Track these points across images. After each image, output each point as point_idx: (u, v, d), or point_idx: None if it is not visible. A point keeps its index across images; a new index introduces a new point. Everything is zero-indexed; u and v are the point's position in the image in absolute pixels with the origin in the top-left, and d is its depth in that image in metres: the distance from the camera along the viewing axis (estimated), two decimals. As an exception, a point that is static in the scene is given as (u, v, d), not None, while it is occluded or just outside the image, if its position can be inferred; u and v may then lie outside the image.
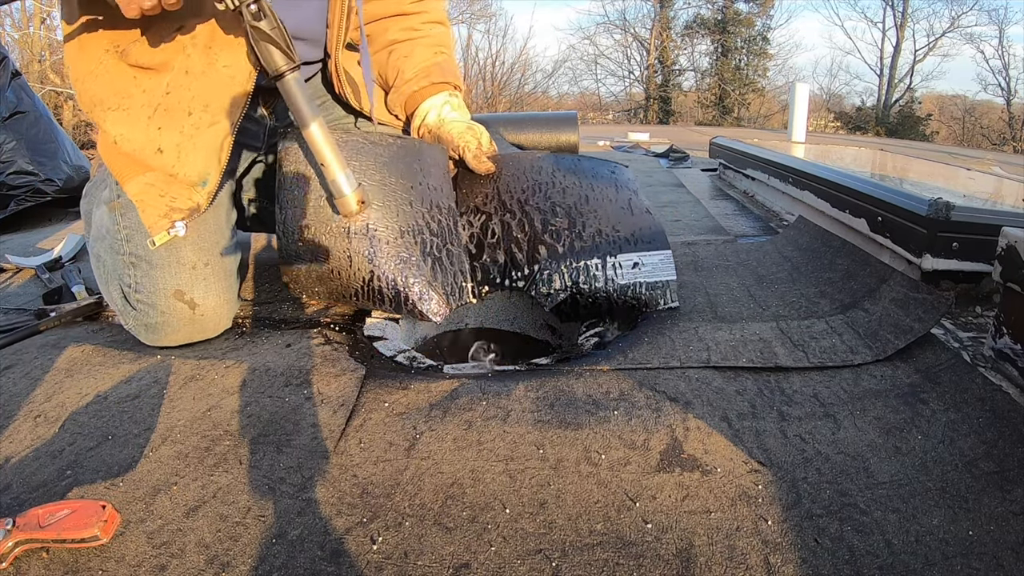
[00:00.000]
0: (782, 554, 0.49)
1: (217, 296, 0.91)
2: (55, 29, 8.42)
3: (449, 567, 0.49)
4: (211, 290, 0.90)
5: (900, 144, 5.42)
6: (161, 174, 0.88)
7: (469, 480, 0.59)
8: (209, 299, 0.90)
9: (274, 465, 0.62)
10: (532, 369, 0.81)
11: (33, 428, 0.69)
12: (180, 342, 0.91)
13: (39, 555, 0.50)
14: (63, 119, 7.51)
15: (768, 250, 1.27)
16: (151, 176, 0.88)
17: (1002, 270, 0.75)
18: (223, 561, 0.50)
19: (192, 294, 0.89)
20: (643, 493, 0.57)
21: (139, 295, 0.89)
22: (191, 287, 0.89)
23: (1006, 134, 12.76)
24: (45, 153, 2.06)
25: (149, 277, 0.88)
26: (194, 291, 0.89)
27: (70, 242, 1.43)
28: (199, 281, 0.89)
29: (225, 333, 0.94)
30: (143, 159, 0.88)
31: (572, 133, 2.56)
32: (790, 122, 4.74)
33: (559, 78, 17.17)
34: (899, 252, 0.98)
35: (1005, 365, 0.75)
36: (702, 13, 14.66)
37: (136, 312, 0.89)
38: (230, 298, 0.94)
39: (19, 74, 2.11)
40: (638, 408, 0.70)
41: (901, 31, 14.26)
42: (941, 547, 0.50)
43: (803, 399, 0.72)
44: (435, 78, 1.07)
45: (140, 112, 0.87)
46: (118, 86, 0.87)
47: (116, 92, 0.87)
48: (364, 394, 0.75)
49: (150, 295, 0.88)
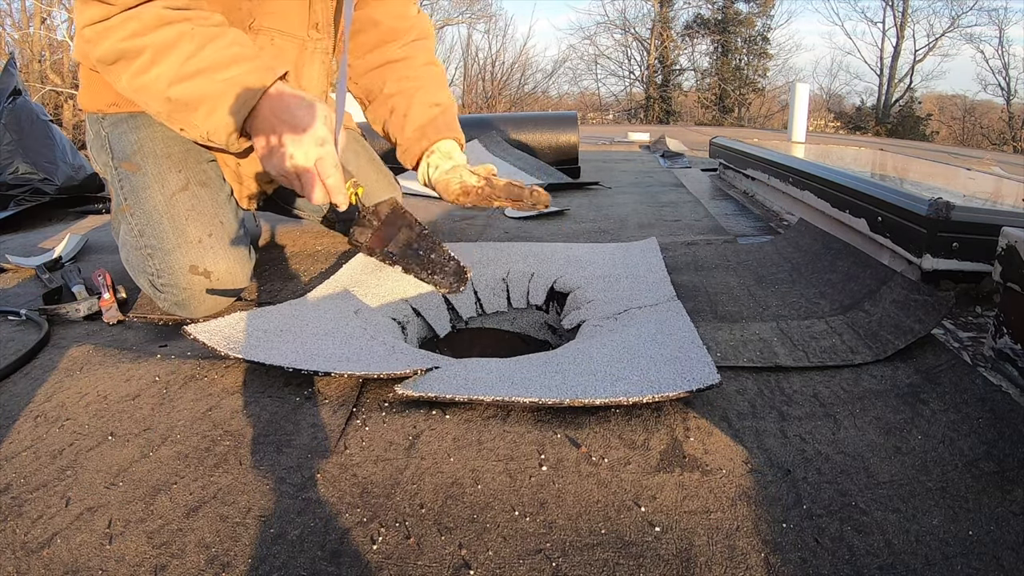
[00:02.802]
0: (782, 554, 0.49)
1: (226, 260, 1.00)
2: (55, 29, 8.43)
3: (449, 567, 0.49)
4: (219, 257, 1.00)
5: (900, 144, 5.42)
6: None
7: (469, 480, 0.59)
8: (220, 265, 1.00)
9: (274, 465, 0.62)
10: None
11: (33, 428, 0.69)
12: (211, 310, 1.01)
13: (39, 555, 0.50)
14: (63, 119, 7.51)
15: (768, 250, 1.27)
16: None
17: (1002, 270, 0.75)
18: (223, 561, 0.50)
19: (204, 265, 0.98)
20: (643, 493, 0.57)
21: (162, 279, 0.98)
22: (201, 259, 0.98)
23: (1006, 134, 12.76)
24: (44, 153, 2.06)
25: (166, 262, 0.98)
26: (205, 262, 0.99)
27: (70, 242, 1.43)
28: (207, 252, 0.99)
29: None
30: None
31: (572, 133, 2.57)
32: (790, 122, 4.74)
33: (559, 78, 17.17)
34: (899, 252, 0.98)
35: (1005, 365, 0.75)
36: (702, 13, 14.66)
37: (164, 295, 0.99)
38: (240, 258, 1.03)
39: (16, 74, 2.11)
40: (638, 408, 0.70)
41: (901, 31, 14.26)
42: (941, 547, 0.50)
43: (803, 399, 0.72)
44: (431, 137, 1.19)
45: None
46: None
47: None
48: (364, 394, 0.75)
49: (171, 276, 0.98)
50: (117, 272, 1.15)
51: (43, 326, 0.96)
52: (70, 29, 8.70)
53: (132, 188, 1.01)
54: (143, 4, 0.85)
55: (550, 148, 2.54)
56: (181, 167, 1.02)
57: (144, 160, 1.02)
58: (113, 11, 0.84)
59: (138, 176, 1.02)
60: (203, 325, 0.83)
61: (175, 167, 1.02)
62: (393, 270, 1.06)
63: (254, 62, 0.88)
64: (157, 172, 1.01)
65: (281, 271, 1.24)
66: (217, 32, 0.88)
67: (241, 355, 0.77)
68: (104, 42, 0.86)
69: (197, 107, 0.87)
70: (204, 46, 0.86)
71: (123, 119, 1.05)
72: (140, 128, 1.04)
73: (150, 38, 0.85)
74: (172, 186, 1.01)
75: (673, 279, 1.06)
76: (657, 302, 0.95)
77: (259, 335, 0.83)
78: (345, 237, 1.46)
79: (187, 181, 1.02)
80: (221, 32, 0.89)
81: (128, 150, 1.03)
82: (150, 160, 1.02)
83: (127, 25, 0.85)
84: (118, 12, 0.84)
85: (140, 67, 0.87)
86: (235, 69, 0.87)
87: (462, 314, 1.05)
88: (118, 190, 1.03)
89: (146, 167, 1.02)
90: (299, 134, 0.87)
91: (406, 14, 1.23)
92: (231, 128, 0.89)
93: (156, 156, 1.02)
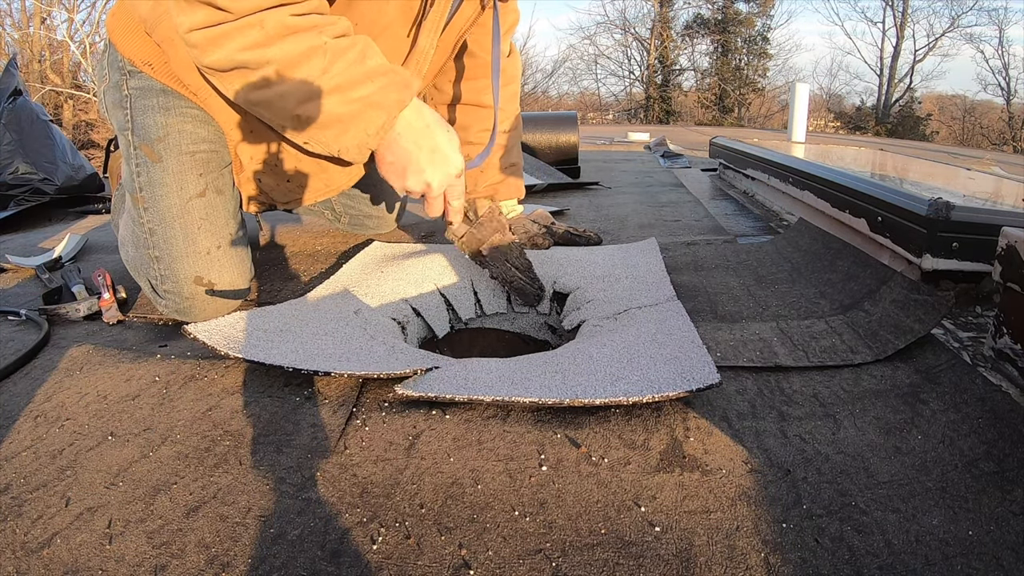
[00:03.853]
0: (782, 554, 0.49)
1: (231, 272, 1.01)
2: (55, 29, 8.43)
3: (449, 567, 0.49)
4: (224, 269, 1.00)
5: (900, 144, 5.42)
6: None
7: (469, 480, 0.59)
8: (224, 277, 1.00)
9: (274, 465, 0.62)
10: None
11: (33, 428, 0.69)
12: (210, 317, 0.97)
13: (39, 555, 0.50)
14: (63, 119, 7.51)
15: (768, 250, 1.27)
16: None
17: (1002, 270, 0.75)
18: (223, 561, 0.50)
19: (209, 276, 0.99)
20: (643, 493, 0.57)
21: (165, 286, 0.98)
22: (207, 271, 0.99)
23: (1006, 134, 12.77)
24: (44, 153, 2.06)
25: (171, 269, 0.97)
26: (210, 274, 0.99)
27: (70, 242, 1.43)
28: (213, 264, 0.99)
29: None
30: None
31: (572, 133, 2.57)
32: (790, 122, 4.74)
33: (559, 78, 17.18)
34: (899, 252, 0.98)
35: (1005, 365, 0.75)
36: (702, 13, 14.67)
37: (165, 301, 0.99)
38: (243, 270, 1.04)
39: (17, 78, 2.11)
40: (638, 408, 0.70)
41: (901, 31, 14.27)
42: (941, 547, 0.50)
43: (803, 399, 0.72)
44: (499, 197, 1.27)
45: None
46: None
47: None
48: (364, 394, 0.75)
49: (174, 284, 0.97)
50: (117, 272, 1.15)
51: (43, 326, 0.96)
52: (70, 29, 8.71)
53: (149, 181, 0.96)
54: (266, 10, 0.75)
55: (550, 148, 2.54)
56: (203, 170, 0.98)
57: (167, 152, 0.96)
58: (229, 17, 0.74)
59: (157, 169, 0.96)
60: (203, 325, 0.83)
61: (197, 169, 0.98)
62: (395, 270, 1.06)
63: (388, 77, 0.81)
64: (178, 170, 0.96)
65: (281, 271, 1.24)
66: (347, 44, 0.79)
67: (241, 355, 0.77)
68: (218, 50, 0.76)
69: (328, 126, 0.81)
70: (335, 61, 0.78)
71: (154, 90, 0.96)
72: (170, 112, 0.96)
73: (275, 50, 0.76)
74: (190, 190, 0.97)
75: (673, 279, 1.06)
76: (657, 302, 0.95)
77: (259, 335, 0.83)
78: (345, 237, 1.46)
79: (205, 186, 0.98)
80: (351, 43, 0.80)
81: (152, 134, 0.96)
82: (173, 155, 0.96)
83: (248, 33, 0.75)
84: (235, 19, 0.74)
85: (261, 81, 0.78)
86: (369, 86, 0.80)
87: (462, 315, 1.05)
88: (134, 174, 0.97)
89: (168, 161, 0.96)
90: (438, 160, 0.87)
91: (502, 52, 1.18)
92: (367, 148, 0.84)
93: (180, 152, 0.96)
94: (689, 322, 0.85)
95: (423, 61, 0.97)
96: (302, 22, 0.77)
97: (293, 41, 0.76)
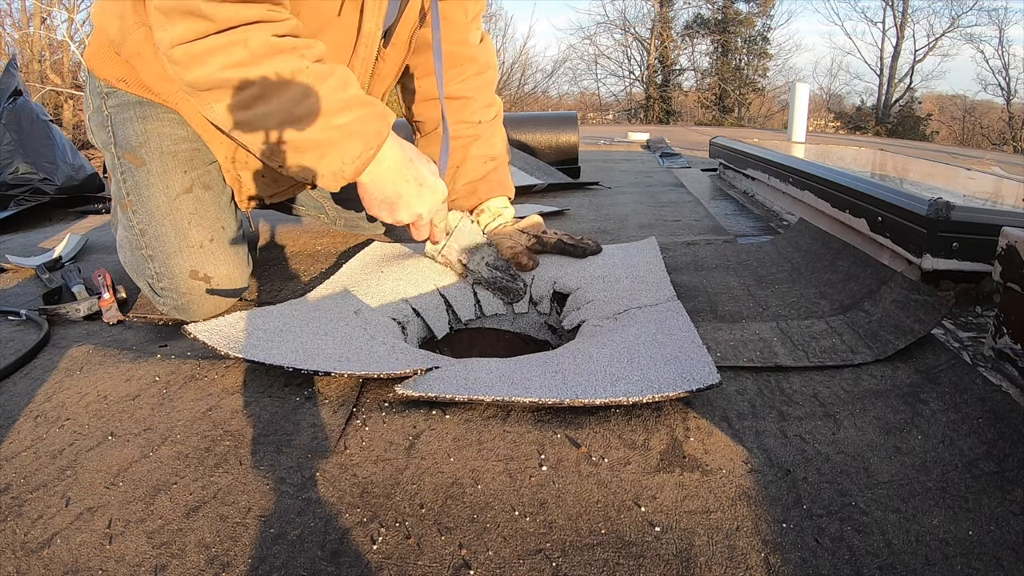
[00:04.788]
0: (782, 554, 0.49)
1: (227, 265, 1.01)
2: (55, 29, 8.43)
3: (449, 567, 0.49)
4: (220, 262, 1.00)
5: (900, 144, 5.42)
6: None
7: (469, 480, 0.59)
8: (220, 270, 1.00)
9: (274, 465, 0.62)
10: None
11: (33, 428, 0.69)
12: (210, 313, 1.00)
13: (39, 555, 0.50)
14: (63, 119, 7.51)
15: (768, 250, 1.27)
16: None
17: (1002, 270, 0.75)
18: (223, 561, 0.50)
19: (204, 270, 0.99)
20: (643, 493, 0.57)
21: (162, 283, 0.98)
22: (202, 264, 0.99)
23: (1006, 134, 12.77)
24: (44, 153, 2.06)
25: (166, 266, 0.97)
26: (205, 267, 0.99)
27: (70, 242, 1.43)
28: (208, 257, 0.99)
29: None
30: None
31: (572, 133, 2.57)
32: (790, 122, 4.74)
33: (559, 78, 17.19)
34: (899, 252, 0.98)
35: (1005, 365, 0.75)
36: (702, 13, 14.67)
37: (163, 299, 0.99)
38: (239, 262, 1.04)
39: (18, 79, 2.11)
40: (638, 408, 0.70)
41: (901, 31, 14.27)
42: (941, 547, 0.50)
43: (803, 399, 0.72)
44: (481, 195, 1.19)
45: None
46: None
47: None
48: (364, 394, 0.75)
49: (170, 281, 0.98)
50: (117, 272, 1.15)
51: (43, 326, 0.96)
52: (70, 29, 8.71)
53: (135, 184, 0.99)
54: (247, 26, 0.75)
55: (550, 148, 2.54)
56: (187, 167, 1.00)
57: (150, 155, 0.98)
58: (212, 28, 0.73)
59: (141, 172, 0.98)
60: (203, 324, 0.83)
61: (181, 167, 0.99)
62: (395, 270, 1.06)
63: (367, 108, 0.83)
64: (162, 171, 0.98)
65: (281, 271, 1.24)
66: (328, 70, 0.80)
67: (241, 355, 0.77)
68: (201, 67, 0.75)
69: (306, 151, 0.82)
70: (317, 85, 0.79)
71: (130, 103, 0.99)
72: (147, 119, 0.99)
73: (259, 70, 0.76)
74: (176, 187, 0.99)
75: (673, 279, 1.06)
76: (657, 302, 0.95)
77: (259, 335, 0.83)
78: (345, 237, 1.46)
79: (192, 183, 1.00)
80: (331, 70, 0.81)
81: (133, 141, 0.98)
82: (156, 157, 0.98)
83: (232, 52, 0.75)
84: (216, 32, 0.74)
85: (244, 102, 0.78)
86: (348, 115, 0.81)
87: (461, 316, 1.05)
88: (120, 182, 1.00)
89: (151, 163, 0.98)
90: (425, 192, 0.90)
91: (467, 40, 1.15)
92: (341, 177, 0.84)
93: (162, 153, 0.99)
94: (689, 322, 0.85)
95: (371, 44, 0.97)
96: (284, 43, 0.77)
97: (278, 62, 0.76)
